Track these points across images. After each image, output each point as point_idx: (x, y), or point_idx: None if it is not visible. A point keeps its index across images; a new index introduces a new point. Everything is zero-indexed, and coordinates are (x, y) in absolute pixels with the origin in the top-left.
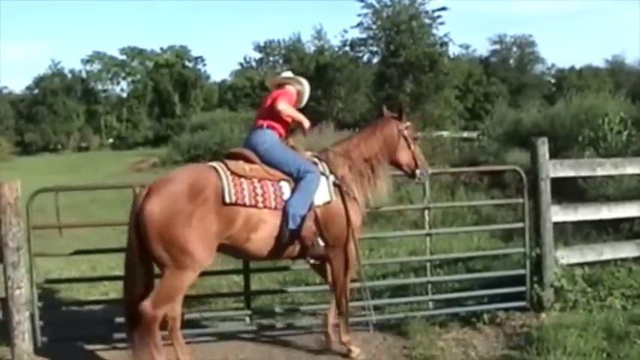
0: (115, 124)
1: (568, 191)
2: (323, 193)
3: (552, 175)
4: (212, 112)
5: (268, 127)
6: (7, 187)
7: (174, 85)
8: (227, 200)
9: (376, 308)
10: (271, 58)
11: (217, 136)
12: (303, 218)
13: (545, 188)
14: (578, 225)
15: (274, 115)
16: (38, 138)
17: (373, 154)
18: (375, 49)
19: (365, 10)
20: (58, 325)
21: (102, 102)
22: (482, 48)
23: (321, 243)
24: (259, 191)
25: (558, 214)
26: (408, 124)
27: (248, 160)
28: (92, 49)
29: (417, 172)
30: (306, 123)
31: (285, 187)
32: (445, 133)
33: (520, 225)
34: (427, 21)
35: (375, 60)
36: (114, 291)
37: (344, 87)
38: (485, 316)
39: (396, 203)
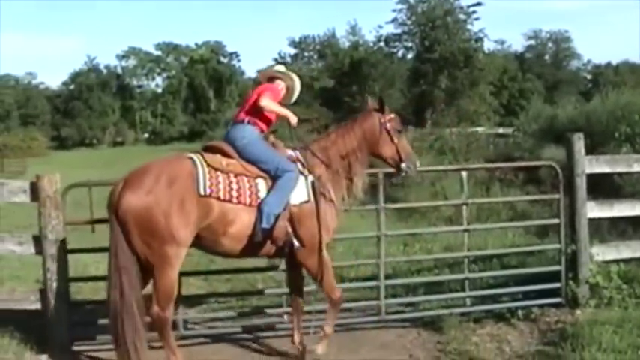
0: (150, 120)
1: (604, 188)
2: (301, 192)
3: (588, 171)
4: None
5: (249, 122)
6: (46, 180)
7: (209, 80)
8: (201, 192)
9: (411, 304)
10: (306, 54)
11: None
12: (277, 218)
13: (581, 184)
14: (614, 221)
15: (257, 110)
16: (74, 133)
17: (351, 150)
18: (409, 44)
19: (400, 6)
20: (90, 321)
21: (137, 97)
22: (517, 44)
23: (296, 243)
24: (234, 186)
25: (594, 210)
26: (392, 116)
27: (226, 155)
28: (127, 44)
29: (403, 165)
30: (293, 119)
31: (262, 185)
32: (480, 129)
33: (555, 221)
34: (462, 16)
35: (410, 56)
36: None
37: (378, 83)
38: (520, 312)
39: (431, 199)
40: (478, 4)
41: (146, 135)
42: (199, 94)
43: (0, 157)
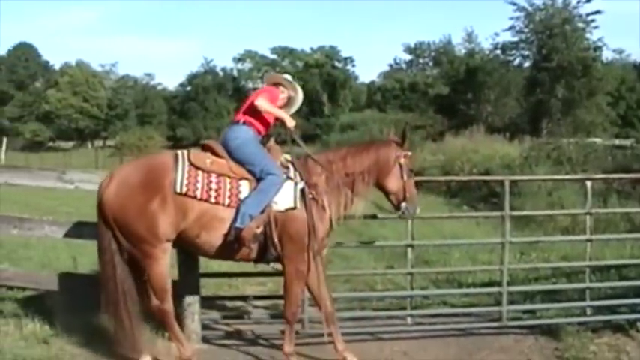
0: None
1: None
2: (287, 198)
3: None
4: (362, 113)
5: (245, 122)
6: None
7: (323, 85)
8: (177, 190)
9: (529, 311)
10: (421, 60)
11: (367, 136)
12: (252, 220)
13: None
14: None
15: (254, 111)
16: (189, 133)
17: (359, 170)
18: (526, 52)
19: (517, 14)
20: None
21: None
22: (637, 53)
23: (273, 251)
24: (214, 186)
25: None
26: (409, 153)
27: (215, 154)
28: (244, 48)
29: (403, 205)
30: (290, 122)
31: (244, 186)
32: (598, 140)
33: None
34: (580, 25)
35: (527, 64)
36: (271, 281)
37: (494, 91)
38: (639, 324)
39: (547, 209)
40: (597, 12)
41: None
42: (313, 98)
43: (119, 154)
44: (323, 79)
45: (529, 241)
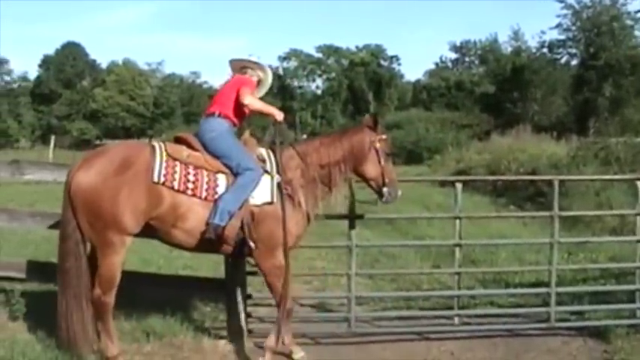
0: (310, 121)
1: None
2: (264, 192)
3: None
4: (407, 112)
5: (220, 114)
6: None
7: (368, 83)
8: (155, 179)
9: (577, 313)
10: (467, 59)
11: (413, 135)
12: (232, 216)
13: None
14: None
15: (231, 102)
16: None
17: (334, 160)
18: (573, 50)
19: (564, 11)
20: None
21: (297, 98)
22: None
23: (252, 244)
24: (191, 178)
25: None
26: (384, 136)
27: (191, 147)
28: (289, 46)
29: (385, 190)
30: (279, 115)
31: (221, 180)
32: None
33: None
34: (629, 22)
35: (574, 62)
36: (317, 280)
37: (540, 89)
38: None
39: (595, 209)
40: None
41: (304, 136)
42: (359, 97)
43: None
44: (368, 77)
45: (577, 241)
